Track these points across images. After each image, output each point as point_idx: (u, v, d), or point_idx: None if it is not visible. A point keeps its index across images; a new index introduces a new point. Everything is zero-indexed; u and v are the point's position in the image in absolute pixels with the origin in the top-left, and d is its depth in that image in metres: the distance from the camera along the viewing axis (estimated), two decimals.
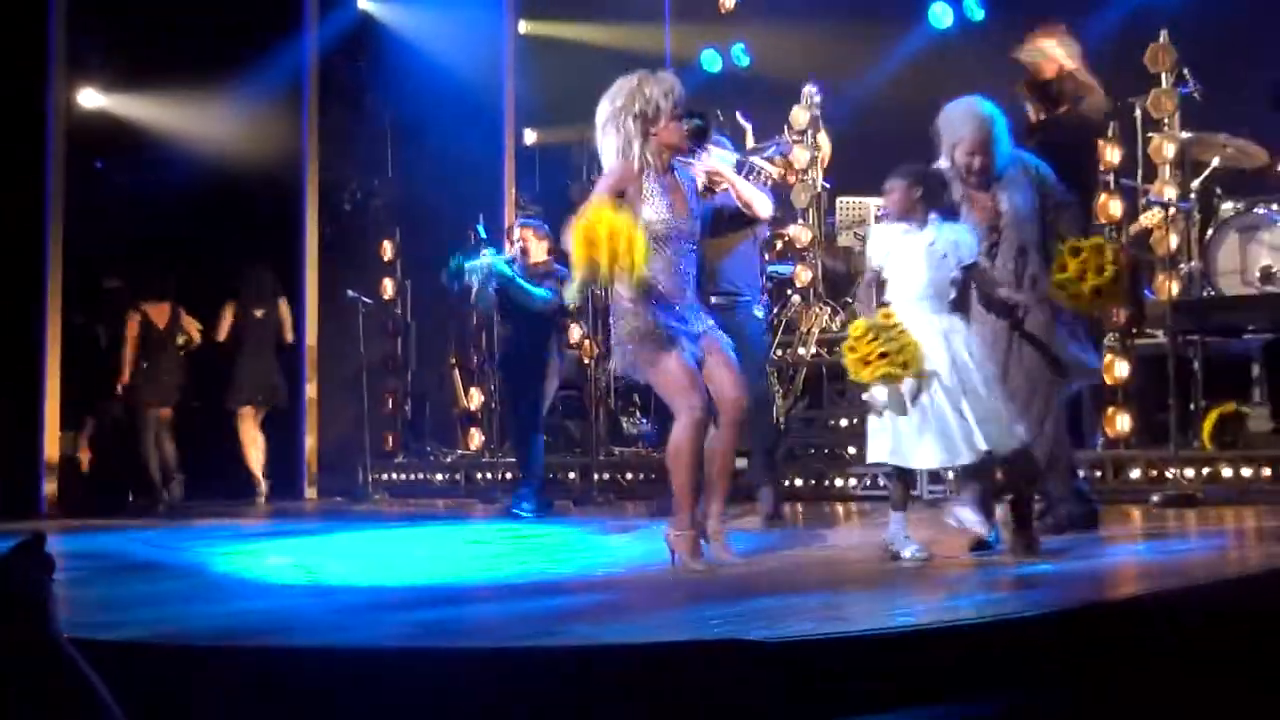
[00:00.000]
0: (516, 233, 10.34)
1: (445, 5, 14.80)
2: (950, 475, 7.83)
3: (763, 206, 7.27)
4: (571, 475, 12.19)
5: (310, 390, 13.95)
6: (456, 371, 14.07)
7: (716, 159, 7.16)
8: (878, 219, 10.21)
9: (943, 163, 6.78)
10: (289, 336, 13.40)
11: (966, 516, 6.49)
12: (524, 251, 10.11)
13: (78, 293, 12.54)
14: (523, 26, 15.71)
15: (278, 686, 4.27)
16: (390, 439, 13.98)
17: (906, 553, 6.32)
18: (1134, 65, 10.68)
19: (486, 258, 9.97)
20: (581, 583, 6.48)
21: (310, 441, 13.96)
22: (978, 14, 13.91)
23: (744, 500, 8.77)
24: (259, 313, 13.20)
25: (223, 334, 13.08)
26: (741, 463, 10.61)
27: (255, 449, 13.13)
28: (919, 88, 13.61)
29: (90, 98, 13.96)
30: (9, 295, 11.67)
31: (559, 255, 9.95)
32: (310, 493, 13.80)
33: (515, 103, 15.39)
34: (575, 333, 12.54)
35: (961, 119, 6.77)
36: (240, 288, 13.27)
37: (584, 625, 4.95)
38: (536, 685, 4.12)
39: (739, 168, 8.25)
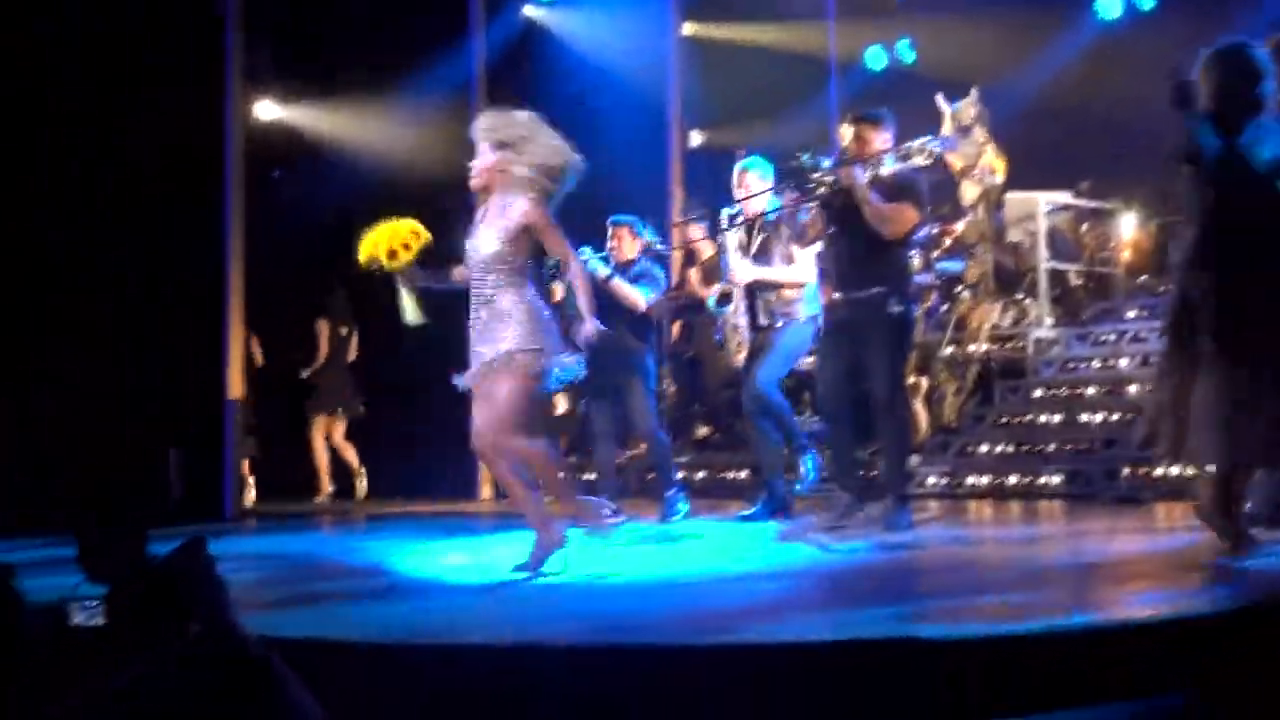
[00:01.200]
0: (610, 229, 10.12)
1: (609, 9, 14.90)
2: None
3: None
4: (743, 474, 12.15)
5: None
6: None
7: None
8: None
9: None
10: (353, 355, 14.20)
11: None
12: (616, 249, 9.94)
13: (256, 303, 12.85)
14: (687, 28, 15.76)
15: (457, 683, 4.36)
16: (564, 440, 14.09)
17: None
18: None
19: (584, 257, 9.83)
20: (754, 580, 6.51)
21: None
22: (1147, 3, 13.70)
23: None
24: (344, 330, 14.08)
25: (324, 349, 13.94)
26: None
27: (349, 453, 14.03)
28: (1087, 81, 13.49)
29: (267, 109, 14.33)
30: (192, 307, 11.98)
31: (653, 255, 9.97)
32: (485, 492, 13.97)
33: (681, 105, 15.44)
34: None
35: None
36: (328, 305, 13.99)
37: (759, 622, 4.98)
38: (712, 682, 4.16)
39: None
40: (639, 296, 9.56)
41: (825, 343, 8.66)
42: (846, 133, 8.87)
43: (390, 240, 7.34)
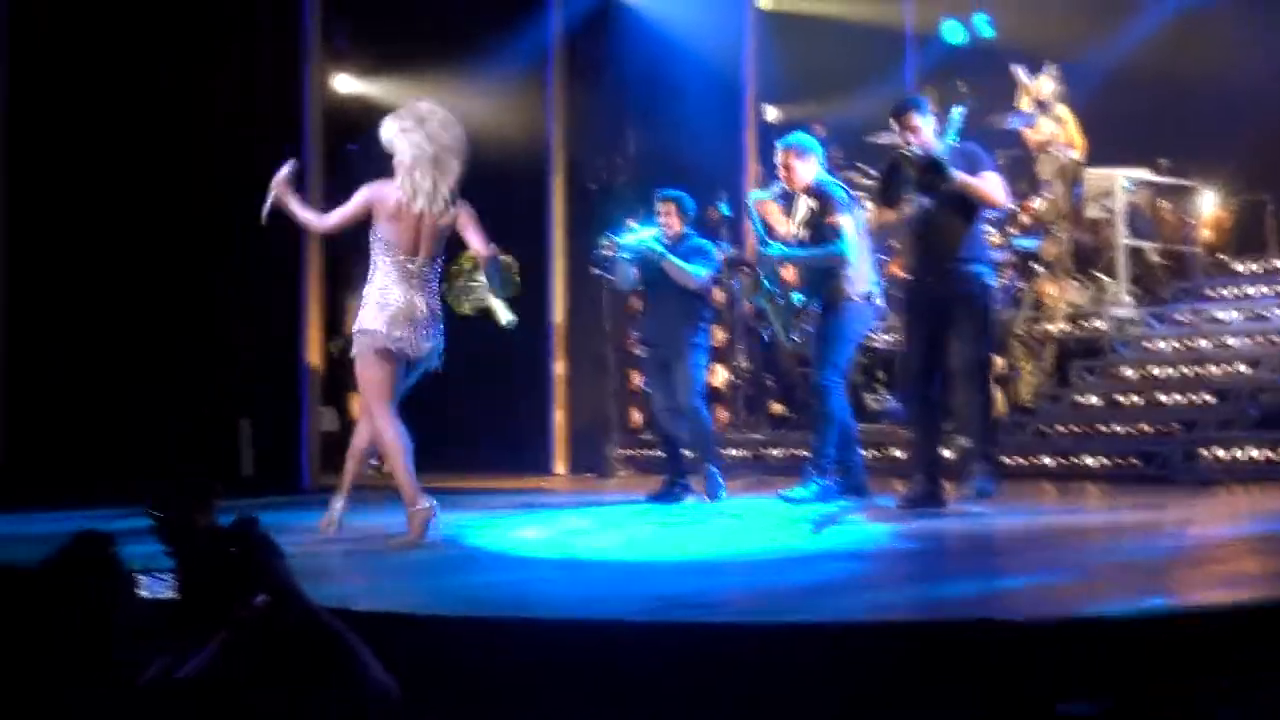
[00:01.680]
0: (658, 204, 10.00)
1: None
2: None
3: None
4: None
5: (558, 368, 14.17)
6: None
7: None
8: None
9: None
10: None
11: None
12: (666, 224, 9.83)
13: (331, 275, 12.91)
14: (763, 2, 15.69)
15: (528, 658, 4.37)
16: (636, 415, 14.11)
17: None
18: None
19: (638, 234, 9.75)
20: (829, 558, 6.49)
21: (559, 417, 14.18)
22: None
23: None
24: None
25: None
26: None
27: None
28: (1169, 56, 13.31)
29: (344, 83, 14.39)
30: (270, 278, 12.05)
31: (700, 228, 9.88)
32: (559, 468, 14.02)
33: (756, 79, 15.37)
34: None
35: None
36: None
37: (830, 601, 4.97)
38: (785, 660, 4.15)
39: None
40: (691, 274, 9.49)
41: (912, 319, 8.61)
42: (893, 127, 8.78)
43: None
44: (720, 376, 13.70)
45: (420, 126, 7.35)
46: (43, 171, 10.75)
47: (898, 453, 11.18)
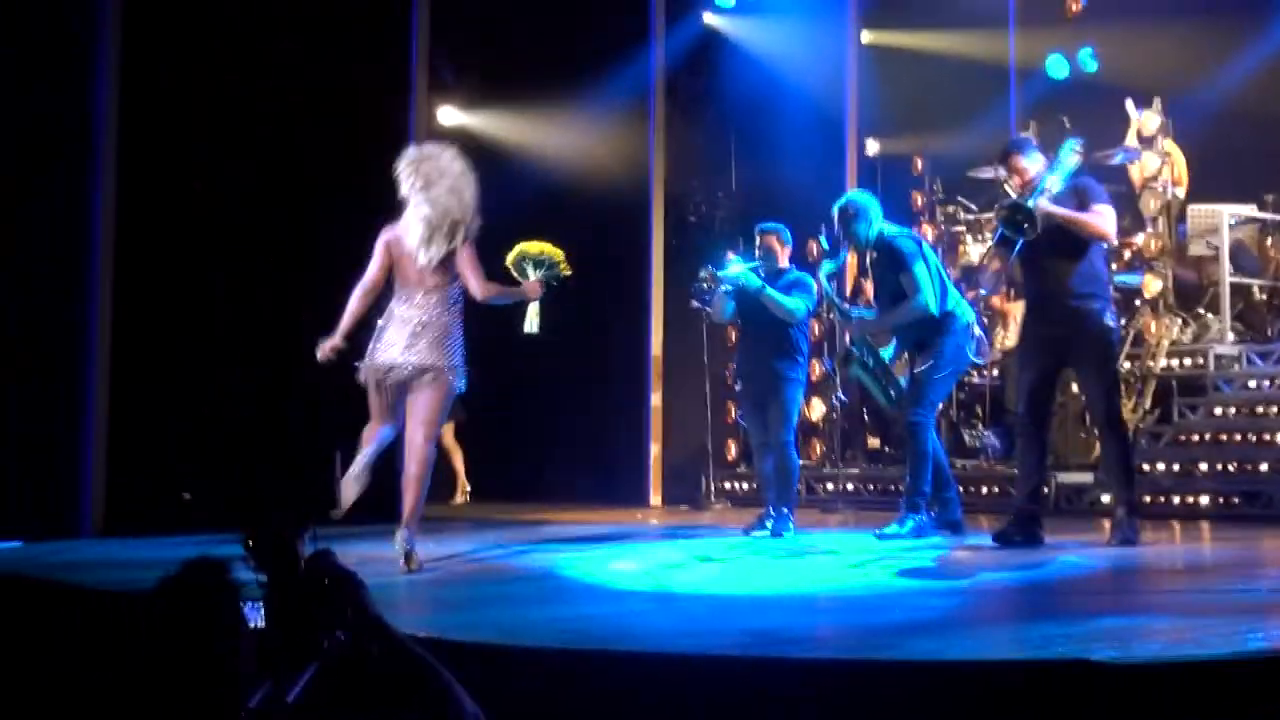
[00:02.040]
0: (758, 239, 9.99)
1: (788, 17, 14.89)
2: None
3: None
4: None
5: (655, 399, 14.20)
6: None
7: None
8: None
9: None
10: None
11: None
12: (765, 258, 9.76)
13: None
14: (865, 36, 15.69)
15: (622, 691, 4.39)
16: (733, 448, 14.11)
17: None
18: None
19: (738, 267, 9.73)
20: (924, 595, 6.46)
21: (655, 449, 14.21)
22: None
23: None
24: None
25: None
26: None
27: (456, 456, 14.07)
28: (1274, 90, 13.17)
29: (450, 115, 14.55)
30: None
31: (800, 262, 9.85)
32: (655, 500, 14.04)
33: (857, 112, 15.38)
34: None
35: None
36: None
37: (925, 640, 4.95)
38: (878, 698, 4.14)
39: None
40: (790, 309, 9.49)
41: (1027, 355, 8.58)
42: (1000, 172, 8.78)
43: (548, 251, 8.16)
44: (817, 410, 13.67)
45: (428, 189, 7.58)
46: (151, 204, 10.89)
47: (995, 489, 11.13)
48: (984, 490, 11.61)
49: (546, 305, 8.09)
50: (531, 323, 8.03)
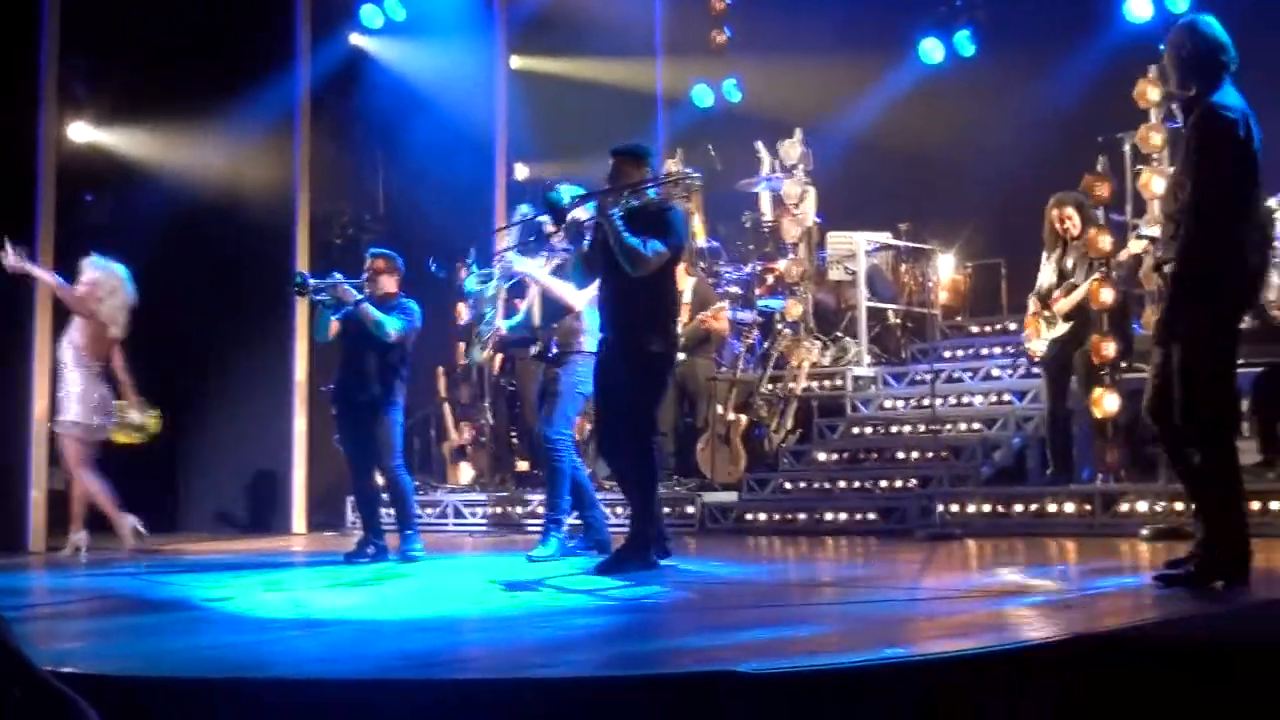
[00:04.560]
0: (368, 261, 9.89)
1: (437, 40, 14.84)
2: None
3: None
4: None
5: (300, 424, 13.91)
6: (446, 406, 14.04)
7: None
8: None
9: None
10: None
11: None
12: (372, 280, 9.63)
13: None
14: (514, 62, 15.75)
15: (267, 719, 4.24)
16: (378, 474, 13.91)
17: None
18: (1123, 100, 10.72)
19: (336, 278, 9.60)
20: (572, 614, 6.45)
21: (299, 476, 13.91)
22: (968, 49, 13.98)
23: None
24: None
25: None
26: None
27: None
28: (910, 123, 13.75)
29: (81, 131, 13.97)
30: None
31: (407, 290, 9.79)
32: (300, 526, 13.75)
33: (507, 137, 15.42)
34: None
35: None
36: None
37: (576, 657, 4.93)
38: (524, 716, 4.09)
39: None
40: (382, 324, 9.35)
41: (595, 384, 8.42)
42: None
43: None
44: (466, 434, 13.63)
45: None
46: None
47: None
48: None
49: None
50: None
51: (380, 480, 9.80)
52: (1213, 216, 5.90)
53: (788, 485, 11.51)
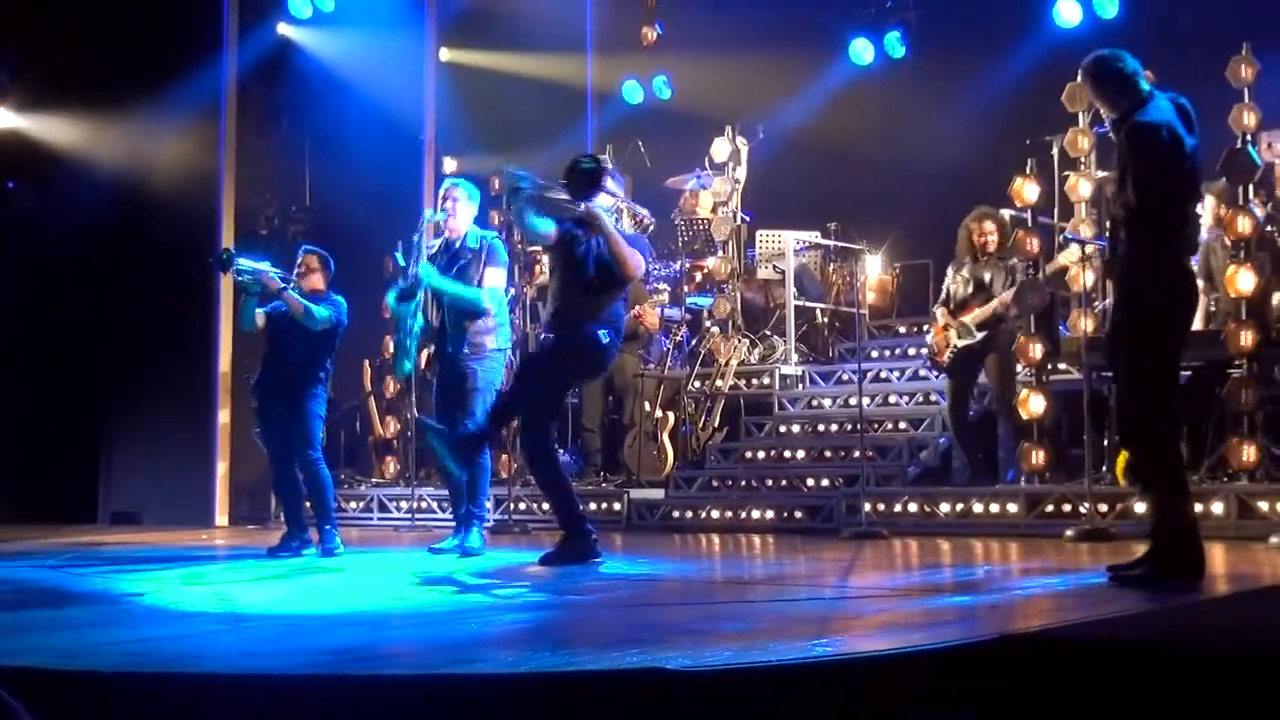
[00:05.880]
0: (301, 256, 9.86)
1: (366, 31, 14.75)
2: None
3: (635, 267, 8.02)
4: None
5: (223, 417, 13.78)
6: (372, 400, 13.96)
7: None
8: None
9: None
10: None
11: None
12: (304, 276, 9.63)
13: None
14: (444, 54, 15.68)
15: (191, 715, 4.19)
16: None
17: None
18: (1051, 104, 10.80)
19: (264, 265, 9.56)
20: (499, 610, 6.43)
21: (222, 468, 13.78)
22: (899, 51, 14.04)
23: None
24: None
25: None
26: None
27: None
28: (840, 123, 13.79)
29: (3, 118, 13.77)
30: None
31: (336, 288, 9.77)
32: (222, 520, 13.63)
33: (436, 130, 15.34)
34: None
35: None
36: None
37: (504, 653, 4.90)
38: (453, 713, 4.06)
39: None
40: (314, 313, 9.37)
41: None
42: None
43: None
44: (392, 428, 13.56)
45: None
46: None
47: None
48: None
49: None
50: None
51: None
52: (1151, 228, 6.12)
53: (715, 483, 11.52)
